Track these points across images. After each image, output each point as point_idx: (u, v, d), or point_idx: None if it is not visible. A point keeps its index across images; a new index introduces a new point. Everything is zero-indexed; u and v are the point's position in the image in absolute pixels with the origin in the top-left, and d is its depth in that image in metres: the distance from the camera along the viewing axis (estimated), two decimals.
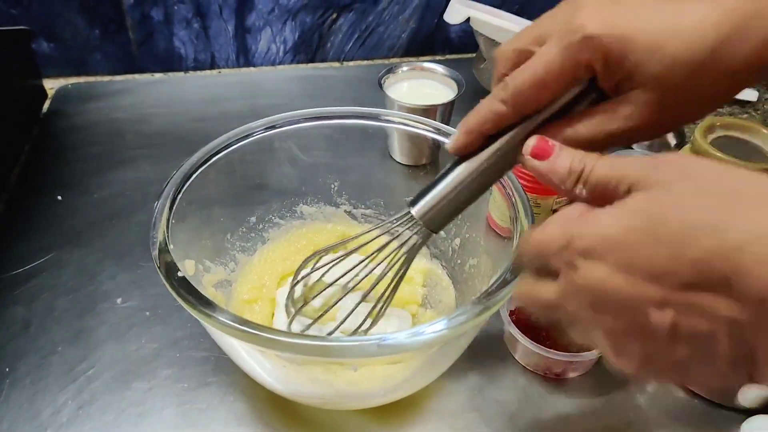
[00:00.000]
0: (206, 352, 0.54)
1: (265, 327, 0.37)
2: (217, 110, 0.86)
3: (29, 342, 0.54)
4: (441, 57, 1.03)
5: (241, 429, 0.49)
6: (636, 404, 0.51)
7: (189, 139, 0.80)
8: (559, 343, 0.52)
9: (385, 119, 0.55)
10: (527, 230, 0.45)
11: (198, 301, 0.39)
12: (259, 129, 0.54)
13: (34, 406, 0.50)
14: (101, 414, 0.49)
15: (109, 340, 0.55)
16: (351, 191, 0.61)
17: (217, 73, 0.96)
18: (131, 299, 0.58)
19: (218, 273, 0.53)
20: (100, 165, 0.75)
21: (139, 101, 0.88)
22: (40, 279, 0.60)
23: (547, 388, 0.52)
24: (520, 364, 0.54)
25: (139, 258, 0.62)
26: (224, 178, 0.52)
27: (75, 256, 0.63)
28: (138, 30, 0.90)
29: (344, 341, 0.38)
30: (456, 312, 0.38)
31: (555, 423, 0.50)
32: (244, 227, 0.58)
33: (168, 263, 0.42)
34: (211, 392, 0.51)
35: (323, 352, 0.36)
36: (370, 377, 0.46)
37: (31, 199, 0.70)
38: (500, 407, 0.51)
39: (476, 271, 0.54)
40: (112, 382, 0.51)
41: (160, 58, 0.94)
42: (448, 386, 0.52)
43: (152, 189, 0.72)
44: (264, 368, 0.45)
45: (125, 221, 0.67)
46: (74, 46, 0.90)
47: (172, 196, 0.47)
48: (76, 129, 0.82)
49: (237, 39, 0.94)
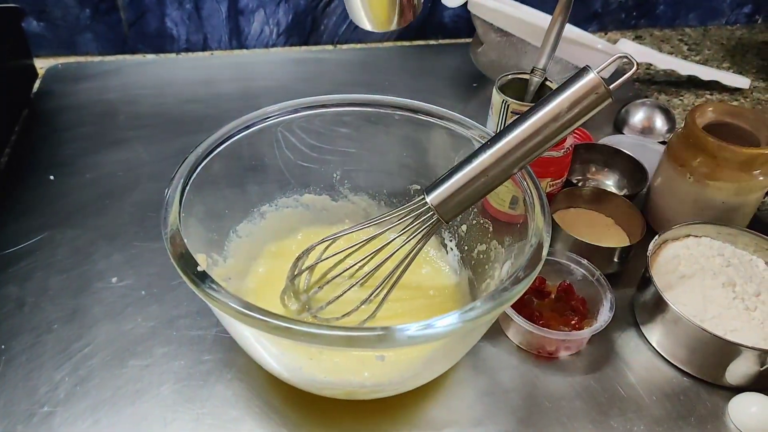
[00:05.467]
0: (202, 330, 0.54)
1: (296, 320, 0.36)
2: (209, 92, 0.86)
3: (24, 321, 0.54)
4: (435, 41, 1.03)
5: (239, 405, 0.49)
6: (627, 382, 0.52)
7: (181, 120, 0.80)
8: (553, 323, 0.53)
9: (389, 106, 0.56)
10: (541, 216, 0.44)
11: (231, 299, 0.38)
12: (258, 119, 0.53)
13: (30, 383, 0.50)
14: (98, 391, 0.49)
15: (105, 319, 0.55)
16: (355, 180, 0.61)
17: (209, 54, 0.96)
18: (126, 278, 0.58)
19: (226, 267, 0.53)
20: (92, 145, 0.75)
21: (130, 82, 0.87)
22: (34, 258, 0.60)
23: (540, 366, 0.53)
24: (513, 342, 0.55)
25: (133, 238, 0.62)
26: (229, 167, 0.52)
27: (68, 235, 0.62)
28: (129, 10, 0.89)
29: (361, 331, 0.37)
30: (469, 306, 0.38)
31: (547, 401, 0.50)
32: (249, 219, 0.57)
33: (197, 270, 0.40)
34: (208, 370, 0.51)
35: (349, 342, 0.36)
36: (381, 370, 0.46)
37: (23, 179, 0.69)
38: (493, 385, 0.51)
39: (486, 257, 0.54)
40: (108, 360, 0.52)
41: (152, 39, 0.93)
42: None
43: (145, 169, 0.72)
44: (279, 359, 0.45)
45: (118, 201, 0.67)
46: (64, 26, 0.89)
47: (181, 188, 0.46)
48: (67, 109, 0.81)
49: (230, 20, 0.93)
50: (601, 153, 0.73)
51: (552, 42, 0.61)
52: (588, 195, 0.65)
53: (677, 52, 1.04)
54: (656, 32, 1.10)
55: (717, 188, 0.59)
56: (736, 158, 0.58)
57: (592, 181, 0.73)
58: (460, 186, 0.43)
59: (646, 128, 0.81)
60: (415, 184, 0.60)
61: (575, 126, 0.41)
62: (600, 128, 0.82)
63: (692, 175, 0.60)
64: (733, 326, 0.51)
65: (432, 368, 0.47)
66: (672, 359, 0.53)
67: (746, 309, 0.53)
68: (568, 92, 0.40)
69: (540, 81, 0.63)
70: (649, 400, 0.51)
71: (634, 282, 0.59)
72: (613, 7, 1.06)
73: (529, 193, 0.47)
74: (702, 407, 0.51)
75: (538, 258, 0.42)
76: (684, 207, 0.62)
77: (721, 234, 0.59)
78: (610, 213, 0.64)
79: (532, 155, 0.42)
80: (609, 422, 0.49)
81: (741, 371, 0.50)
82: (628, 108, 0.82)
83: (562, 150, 0.61)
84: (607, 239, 0.61)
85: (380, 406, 0.49)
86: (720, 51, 1.04)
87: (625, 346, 0.55)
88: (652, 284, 0.53)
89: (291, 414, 0.49)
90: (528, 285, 0.40)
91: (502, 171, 0.42)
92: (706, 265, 0.56)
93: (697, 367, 0.52)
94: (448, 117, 0.54)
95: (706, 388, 0.52)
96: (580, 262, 0.56)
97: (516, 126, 0.42)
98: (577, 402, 0.51)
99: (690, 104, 0.90)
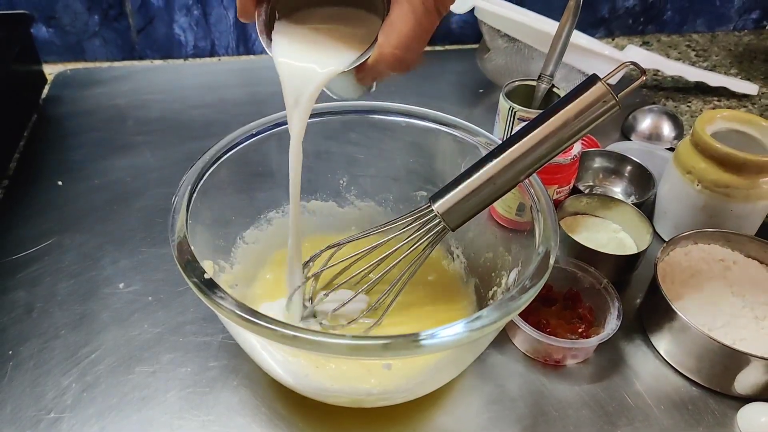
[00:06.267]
0: (208, 336, 0.54)
1: (303, 328, 0.36)
2: (216, 97, 0.86)
3: (32, 326, 0.54)
4: (441, 47, 1.03)
5: (245, 413, 0.49)
6: (635, 391, 0.52)
7: (189, 125, 0.80)
8: (560, 330, 0.53)
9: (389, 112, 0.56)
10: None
11: (237, 307, 0.38)
12: (265, 125, 0.53)
13: (38, 389, 0.50)
14: (105, 397, 0.49)
15: (112, 324, 0.55)
16: (361, 186, 0.61)
17: (216, 60, 0.96)
18: (133, 284, 0.58)
19: (233, 273, 0.53)
20: (100, 151, 0.75)
21: (138, 87, 0.88)
22: (42, 264, 0.60)
23: (547, 374, 0.53)
24: (520, 350, 0.54)
25: (140, 243, 0.63)
26: (236, 173, 0.52)
27: (76, 241, 0.63)
28: (138, 16, 0.90)
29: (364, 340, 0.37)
30: (475, 316, 0.38)
31: (554, 409, 0.50)
32: (256, 225, 0.57)
33: (203, 278, 0.40)
34: (214, 377, 0.51)
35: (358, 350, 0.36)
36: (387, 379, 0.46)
37: (32, 185, 0.70)
38: (499, 393, 0.51)
39: (492, 264, 0.54)
40: (115, 366, 0.52)
41: (160, 45, 0.94)
42: None
43: (153, 175, 0.72)
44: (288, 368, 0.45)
45: (126, 207, 0.67)
46: (73, 32, 0.90)
47: (189, 194, 0.46)
48: (75, 115, 0.81)
49: (237, 27, 0.93)
50: (609, 160, 0.73)
51: (559, 48, 0.61)
52: (595, 202, 0.64)
53: (685, 58, 1.04)
54: (664, 38, 1.09)
55: (725, 195, 0.59)
56: (744, 166, 0.57)
57: (599, 188, 0.72)
58: (466, 194, 0.43)
59: (654, 135, 0.81)
60: (422, 190, 0.60)
61: (582, 135, 0.41)
62: (607, 135, 0.81)
63: (700, 182, 0.60)
64: (742, 335, 0.51)
65: (438, 376, 0.47)
66: (680, 368, 0.53)
67: (755, 318, 0.52)
68: (575, 101, 0.40)
69: (547, 87, 0.63)
70: (657, 410, 0.51)
71: (641, 290, 0.59)
72: (620, 13, 1.06)
73: (536, 200, 0.47)
74: (710, 417, 0.50)
75: (545, 267, 0.41)
76: (692, 214, 0.62)
77: (730, 242, 0.59)
78: (618, 220, 0.64)
79: (538, 164, 0.42)
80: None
81: (750, 381, 0.50)
82: (635, 114, 0.82)
83: (570, 157, 0.61)
84: (615, 247, 0.61)
85: (387, 414, 0.49)
86: (728, 57, 1.04)
87: (633, 354, 0.55)
88: (660, 292, 0.53)
89: (297, 421, 0.49)
90: (535, 294, 0.40)
91: (509, 179, 0.42)
92: (715, 274, 0.56)
93: (705, 376, 0.52)
94: (454, 124, 0.54)
95: (715, 397, 0.52)
96: (587, 269, 0.56)
97: (522, 135, 0.42)
98: (584, 411, 0.50)
99: (698, 110, 0.89)
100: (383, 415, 0.49)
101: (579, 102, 0.40)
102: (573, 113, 0.40)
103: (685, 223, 0.62)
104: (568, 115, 0.40)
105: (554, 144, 0.41)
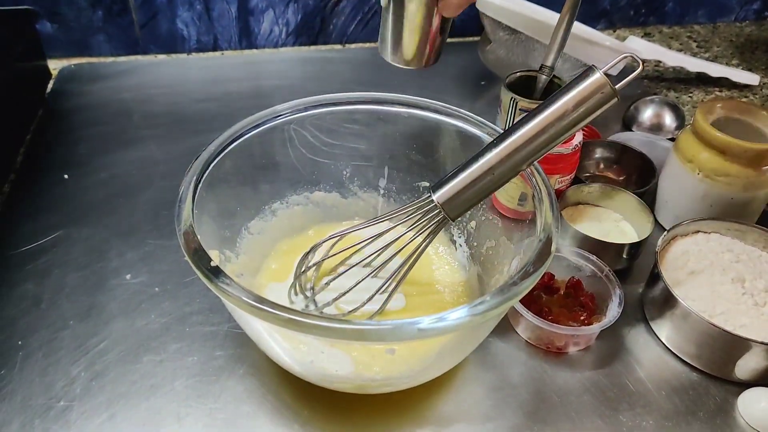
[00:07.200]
0: (215, 326, 0.55)
1: (315, 315, 0.37)
2: (220, 91, 0.86)
3: (41, 317, 0.55)
4: None
5: (251, 401, 0.50)
6: (636, 377, 0.52)
7: (193, 118, 0.81)
8: (562, 318, 0.54)
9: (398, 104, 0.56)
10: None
11: (243, 294, 0.38)
12: (269, 117, 0.54)
13: (47, 378, 0.51)
14: (113, 386, 0.50)
15: (120, 315, 0.56)
16: (364, 177, 0.61)
17: (220, 54, 0.97)
18: (140, 275, 0.59)
19: (239, 263, 0.54)
20: (106, 144, 0.76)
21: (142, 82, 0.88)
22: (50, 256, 0.61)
23: (549, 362, 0.53)
24: (522, 338, 0.55)
25: (146, 235, 0.63)
26: (241, 165, 0.53)
27: (83, 234, 0.63)
28: (141, 11, 0.90)
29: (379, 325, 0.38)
30: (478, 300, 0.38)
31: (556, 396, 0.51)
32: (261, 216, 0.58)
33: (210, 265, 0.40)
34: (220, 365, 0.52)
35: (361, 335, 0.37)
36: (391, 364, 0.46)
37: (38, 179, 0.70)
38: (502, 380, 0.52)
39: (494, 253, 0.54)
40: (123, 355, 0.52)
41: (163, 40, 0.94)
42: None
43: (158, 168, 0.73)
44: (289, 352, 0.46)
45: (132, 200, 0.68)
46: (77, 28, 0.90)
47: (194, 185, 0.46)
48: (80, 109, 0.82)
49: (240, 21, 0.94)
50: (610, 150, 0.73)
51: (560, 39, 0.62)
52: (597, 191, 0.65)
53: (686, 49, 1.04)
54: (665, 29, 1.09)
55: (726, 184, 0.59)
56: (744, 154, 0.58)
57: (601, 177, 0.73)
58: (466, 184, 0.43)
59: (655, 125, 0.81)
60: (424, 181, 0.60)
61: (581, 125, 0.42)
62: (609, 125, 0.82)
63: (701, 171, 0.60)
64: (742, 322, 0.51)
65: (442, 363, 0.47)
66: (681, 354, 0.54)
67: (755, 305, 0.53)
68: (573, 92, 0.40)
69: (548, 78, 0.64)
70: (658, 395, 0.51)
71: (643, 278, 0.59)
72: (621, 4, 1.06)
73: (537, 189, 0.47)
74: (711, 402, 0.51)
75: (546, 253, 0.42)
76: (693, 203, 0.62)
77: (730, 230, 0.59)
78: (619, 209, 0.64)
79: (536, 154, 0.42)
80: (618, 417, 0.49)
81: (750, 366, 0.50)
82: (637, 105, 0.82)
83: (571, 147, 0.62)
84: (616, 235, 0.62)
85: (390, 402, 0.50)
86: (729, 48, 1.04)
87: (634, 341, 0.55)
88: (661, 280, 0.54)
89: (302, 409, 0.49)
90: (537, 279, 0.41)
91: (508, 169, 0.43)
92: (715, 261, 0.56)
93: (706, 362, 0.52)
94: (456, 114, 0.55)
95: (715, 383, 0.52)
96: (588, 258, 0.56)
97: (521, 125, 0.42)
98: (586, 397, 0.51)
99: (699, 101, 0.90)
100: (387, 403, 0.50)
101: (577, 93, 0.40)
102: (571, 104, 0.40)
103: (686, 211, 0.62)
104: (567, 106, 0.41)
105: (553, 134, 0.41)
